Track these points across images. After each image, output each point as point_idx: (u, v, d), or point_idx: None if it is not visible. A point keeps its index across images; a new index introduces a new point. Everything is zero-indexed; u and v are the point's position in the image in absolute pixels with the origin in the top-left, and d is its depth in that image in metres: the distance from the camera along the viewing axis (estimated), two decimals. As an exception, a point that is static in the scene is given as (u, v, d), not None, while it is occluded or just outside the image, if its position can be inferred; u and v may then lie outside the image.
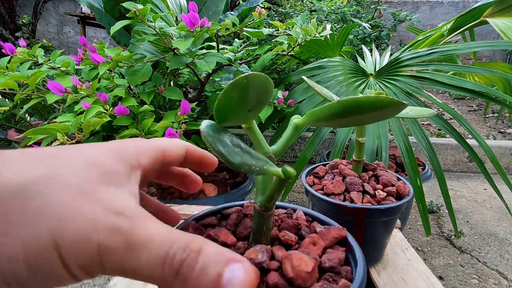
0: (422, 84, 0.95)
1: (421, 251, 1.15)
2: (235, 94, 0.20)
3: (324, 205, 0.50)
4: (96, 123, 0.64)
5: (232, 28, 0.81)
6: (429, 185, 1.64)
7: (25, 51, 0.77)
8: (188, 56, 0.78)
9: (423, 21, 3.82)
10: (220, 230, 0.34)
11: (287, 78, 1.15)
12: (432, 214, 1.41)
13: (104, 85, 0.76)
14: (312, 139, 0.92)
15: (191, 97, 0.91)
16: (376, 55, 1.19)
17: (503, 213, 1.42)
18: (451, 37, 1.14)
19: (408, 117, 0.42)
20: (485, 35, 3.63)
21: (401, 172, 1.05)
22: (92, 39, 3.58)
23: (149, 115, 0.74)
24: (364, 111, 0.22)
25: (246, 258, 0.29)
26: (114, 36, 1.29)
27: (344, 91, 1.01)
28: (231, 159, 0.20)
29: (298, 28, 0.90)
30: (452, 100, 3.24)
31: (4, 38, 3.11)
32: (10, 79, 0.70)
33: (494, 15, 1.04)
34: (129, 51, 0.78)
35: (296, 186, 1.59)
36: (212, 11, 1.33)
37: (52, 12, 4.13)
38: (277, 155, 0.28)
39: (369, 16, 2.22)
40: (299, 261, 0.28)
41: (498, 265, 1.08)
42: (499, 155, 1.93)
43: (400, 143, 0.84)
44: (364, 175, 0.54)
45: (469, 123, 0.88)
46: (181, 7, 0.97)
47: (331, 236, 0.34)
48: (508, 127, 2.48)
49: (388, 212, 0.49)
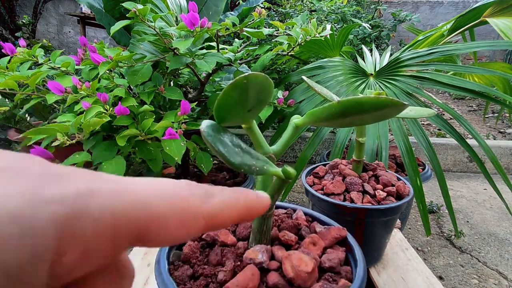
0: (422, 84, 0.95)
1: (421, 251, 1.15)
2: (235, 94, 0.20)
3: (324, 205, 0.50)
4: (96, 123, 0.64)
5: (232, 28, 0.81)
6: (429, 185, 1.64)
7: (25, 51, 0.77)
8: (188, 56, 0.78)
9: (423, 21, 3.82)
10: (220, 230, 0.34)
11: (287, 78, 1.15)
12: (432, 214, 1.41)
13: (104, 85, 0.76)
14: (312, 139, 0.92)
15: (191, 97, 0.91)
16: (376, 55, 1.19)
17: (503, 213, 1.42)
18: (451, 37, 1.14)
19: (408, 117, 0.42)
20: (485, 35, 3.63)
21: (401, 172, 1.05)
22: (92, 39, 3.58)
23: (149, 115, 0.74)
24: (364, 111, 0.22)
25: (246, 258, 0.29)
26: (114, 36, 1.29)
27: (344, 91, 1.01)
28: (231, 159, 0.20)
29: (298, 28, 0.90)
30: (452, 100, 3.24)
31: (4, 38, 3.11)
32: (10, 79, 0.70)
33: (494, 15, 1.04)
34: (129, 51, 0.78)
35: (296, 186, 1.59)
36: (212, 11, 1.33)
37: (52, 12, 4.13)
38: (277, 155, 0.28)
39: (369, 16, 2.22)
40: (299, 261, 0.28)
41: (498, 265, 1.08)
42: (499, 155, 1.93)
43: (400, 143, 0.84)
44: (364, 175, 0.54)
45: (469, 123, 0.88)
46: (181, 7, 0.97)
47: (331, 236, 0.34)
48: (508, 127, 2.48)
49: (388, 212, 0.49)
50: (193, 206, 0.13)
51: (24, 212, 0.10)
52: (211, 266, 0.30)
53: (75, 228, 0.10)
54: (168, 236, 0.13)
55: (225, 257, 0.30)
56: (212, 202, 0.14)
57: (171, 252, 0.32)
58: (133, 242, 0.12)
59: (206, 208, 0.14)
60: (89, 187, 0.11)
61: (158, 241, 0.13)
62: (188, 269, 0.29)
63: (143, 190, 0.12)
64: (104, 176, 0.12)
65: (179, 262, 0.31)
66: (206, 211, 0.14)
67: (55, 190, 0.11)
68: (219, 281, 0.28)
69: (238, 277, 0.27)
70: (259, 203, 0.17)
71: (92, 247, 0.11)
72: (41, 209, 0.10)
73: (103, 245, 0.11)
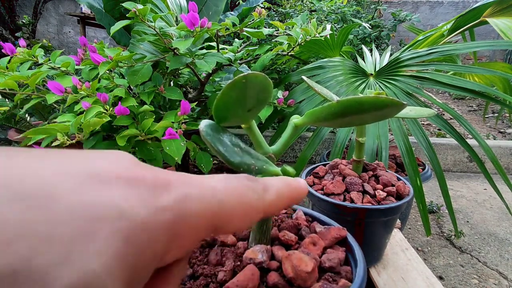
0: (422, 84, 0.95)
1: (421, 251, 1.15)
2: (234, 93, 0.20)
3: (324, 205, 0.50)
4: (96, 123, 0.64)
5: (232, 28, 0.81)
6: (429, 185, 1.63)
7: (25, 51, 0.77)
8: (188, 56, 0.78)
9: (423, 21, 3.82)
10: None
11: (287, 78, 1.15)
12: (432, 214, 1.41)
13: (104, 85, 0.76)
14: (312, 139, 0.92)
15: (191, 97, 0.91)
16: (376, 55, 1.19)
17: (503, 213, 1.42)
18: (451, 37, 1.14)
19: (408, 117, 0.42)
20: (485, 35, 3.63)
21: (401, 172, 1.05)
22: (92, 39, 3.58)
23: (149, 115, 0.74)
24: (364, 111, 0.22)
25: (246, 258, 0.29)
26: (114, 36, 1.29)
27: (344, 91, 1.01)
28: (230, 159, 0.20)
29: (298, 28, 0.90)
30: (452, 100, 3.24)
31: (4, 38, 3.11)
32: (10, 79, 0.70)
33: (494, 15, 1.04)
34: (129, 51, 0.78)
35: (296, 186, 1.59)
36: (212, 11, 1.33)
37: (52, 12, 4.13)
38: (277, 155, 0.28)
39: (369, 16, 2.22)
40: (299, 261, 0.28)
41: (498, 265, 1.08)
42: (499, 155, 1.93)
43: (400, 143, 0.84)
44: (364, 175, 0.54)
45: (469, 123, 0.88)
46: (181, 7, 0.97)
47: (331, 236, 0.34)
48: (508, 127, 2.48)
49: (388, 212, 0.49)
50: (254, 201, 0.16)
51: (150, 222, 0.12)
52: (211, 266, 0.30)
53: (178, 230, 0.13)
54: (234, 226, 0.15)
55: (225, 257, 0.30)
56: (268, 196, 0.17)
57: (170, 252, 0.32)
58: (210, 233, 0.15)
59: (264, 202, 0.16)
60: (185, 194, 0.13)
61: (226, 231, 0.15)
62: (188, 269, 0.29)
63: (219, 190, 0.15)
64: (195, 179, 0.15)
65: (179, 262, 0.31)
66: (264, 204, 0.16)
67: (165, 199, 0.13)
68: (219, 281, 0.28)
69: (238, 277, 0.27)
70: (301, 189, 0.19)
71: (186, 241, 0.13)
72: (159, 218, 0.12)
73: (193, 238, 0.14)
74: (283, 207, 0.18)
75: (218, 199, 0.14)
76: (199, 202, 0.14)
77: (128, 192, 0.12)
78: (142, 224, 0.11)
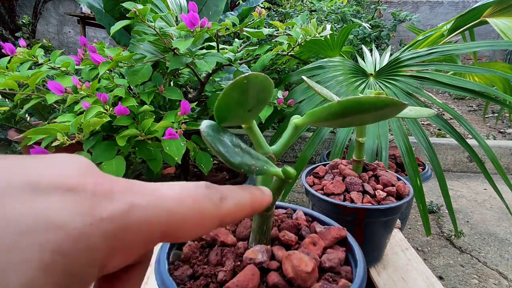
0: (422, 84, 0.95)
1: (421, 251, 1.15)
2: (235, 94, 0.20)
3: (324, 205, 0.50)
4: (96, 123, 0.64)
5: (232, 28, 0.81)
6: (429, 185, 1.64)
7: (25, 51, 0.77)
8: (188, 56, 0.78)
9: (423, 21, 3.82)
10: (219, 230, 0.34)
11: (287, 78, 1.15)
12: (432, 214, 1.41)
13: (104, 85, 0.76)
14: (312, 139, 0.92)
15: (191, 97, 0.91)
16: (376, 55, 1.19)
17: (503, 213, 1.42)
18: (451, 37, 1.14)
19: (408, 117, 0.42)
20: (485, 35, 3.63)
21: (401, 172, 1.05)
22: (92, 39, 3.58)
23: (149, 115, 0.74)
24: (364, 111, 0.22)
25: (246, 258, 0.29)
26: (114, 36, 1.29)
27: (344, 91, 1.01)
28: (231, 159, 0.20)
29: (298, 28, 0.90)
30: (452, 100, 3.24)
31: (4, 38, 3.11)
32: (10, 79, 0.70)
33: (494, 15, 1.04)
34: (129, 51, 0.78)
35: (296, 186, 1.59)
36: (212, 11, 1.33)
37: (52, 12, 4.13)
38: (277, 155, 0.28)
39: (369, 16, 2.22)
40: (299, 261, 0.28)
41: (498, 265, 1.08)
42: (499, 155, 1.93)
43: (400, 143, 0.84)
44: (364, 175, 0.54)
45: (469, 123, 0.88)
46: (181, 7, 0.97)
47: (331, 236, 0.34)
48: (508, 127, 2.48)
49: (388, 212, 0.49)
50: (208, 210, 0.16)
51: (85, 232, 0.12)
52: (211, 266, 0.30)
53: (121, 239, 0.13)
54: (187, 234, 0.15)
55: (225, 257, 0.30)
56: (225, 205, 0.17)
57: (171, 252, 0.32)
58: (160, 240, 0.15)
59: (220, 211, 0.16)
60: (129, 202, 0.13)
61: (177, 238, 0.15)
62: (188, 269, 0.29)
63: (169, 198, 0.15)
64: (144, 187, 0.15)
65: (179, 262, 0.31)
66: (220, 213, 0.16)
67: (104, 210, 0.13)
68: (219, 281, 0.28)
69: (238, 277, 0.27)
70: (263, 199, 0.19)
71: (133, 249, 0.14)
72: (97, 228, 0.12)
73: (141, 246, 0.14)
74: (242, 216, 0.18)
75: (166, 207, 0.14)
76: (144, 210, 0.14)
77: (63, 202, 0.12)
78: (76, 235, 0.11)
